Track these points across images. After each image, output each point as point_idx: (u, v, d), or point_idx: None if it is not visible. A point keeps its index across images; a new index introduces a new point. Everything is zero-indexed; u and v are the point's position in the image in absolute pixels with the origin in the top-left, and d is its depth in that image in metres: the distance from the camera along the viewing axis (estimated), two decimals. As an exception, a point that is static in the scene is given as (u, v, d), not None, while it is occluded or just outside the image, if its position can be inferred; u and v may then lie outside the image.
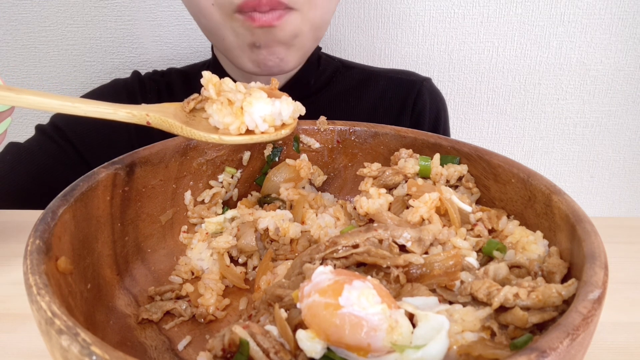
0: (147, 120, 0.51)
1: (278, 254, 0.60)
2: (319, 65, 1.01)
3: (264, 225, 0.61)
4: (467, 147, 0.62)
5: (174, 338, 0.51)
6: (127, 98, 0.99)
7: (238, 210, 0.65)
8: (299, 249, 0.61)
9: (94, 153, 0.96)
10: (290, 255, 0.60)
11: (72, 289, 0.45)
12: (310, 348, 0.37)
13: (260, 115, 0.54)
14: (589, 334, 0.35)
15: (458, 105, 1.43)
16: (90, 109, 0.50)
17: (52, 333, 0.34)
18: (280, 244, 0.61)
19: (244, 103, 0.52)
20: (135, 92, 1.01)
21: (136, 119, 0.51)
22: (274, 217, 0.61)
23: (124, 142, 0.98)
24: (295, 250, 0.60)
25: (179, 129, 0.53)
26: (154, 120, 0.52)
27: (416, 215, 0.54)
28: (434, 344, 0.36)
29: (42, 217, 0.45)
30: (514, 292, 0.40)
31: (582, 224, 0.45)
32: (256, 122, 0.53)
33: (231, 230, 0.62)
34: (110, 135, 0.97)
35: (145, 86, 1.02)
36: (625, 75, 1.40)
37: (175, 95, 1.02)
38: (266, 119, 0.54)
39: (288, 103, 0.56)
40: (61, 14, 1.31)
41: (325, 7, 0.82)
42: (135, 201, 0.58)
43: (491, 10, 1.32)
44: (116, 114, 0.51)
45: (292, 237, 0.60)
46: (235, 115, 0.53)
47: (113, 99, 1.06)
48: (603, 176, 1.53)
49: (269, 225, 0.61)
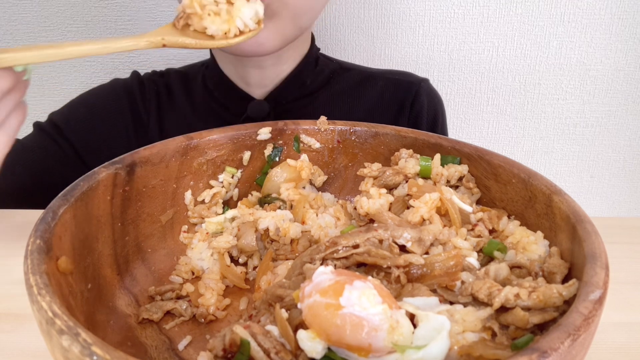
0: (163, 43, 0.58)
1: (278, 254, 0.60)
2: (316, 66, 1.00)
3: (264, 225, 0.61)
4: (468, 147, 0.62)
5: (174, 338, 0.51)
6: (127, 98, 0.99)
7: (238, 210, 0.65)
8: (299, 249, 0.61)
9: (92, 152, 0.96)
10: (290, 255, 0.60)
11: (73, 289, 0.45)
12: (311, 348, 0.37)
13: (249, 17, 0.61)
14: (590, 335, 0.35)
15: (458, 105, 1.43)
16: (116, 46, 0.56)
17: (52, 333, 0.34)
18: (280, 244, 0.61)
19: (233, 9, 0.60)
20: (135, 93, 1.01)
21: (153, 44, 0.58)
22: (274, 218, 0.61)
23: (121, 140, 0.98)
24: (296, 250, 0.61)
25: (193, 44, 0.60)
26: (170, 42, 0.59)
27: (416, 216, 0.54)
28: (435, 345, 0.36)
29: (43, 217, 0.45)
30: (515, 293, 0.40)
31: (583, 224, 0.45)
32: (246, 23, 0.61)
33: (231, 230, 0.62)
34: (108, 133, 0.97)
35: (144, 87, 1.02)
36: (625, 75, 1.40)
37: (174, 95, 1.02)
38: (252, 17, 0.62)
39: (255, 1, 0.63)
40: (61, 14, 1.31)
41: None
42: (135, 201, 0.58)
43: (491, 10, 1.32)
44: (138, 45, 0.57)
45: (293, 237, 0.61)
46: (228, 22, 0.60)
47: (112, 98, 1.05)
48: (603, 176, 1.53)
49: (269, 225, 0.61)
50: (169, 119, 1.00)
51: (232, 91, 0.95)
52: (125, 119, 0.98)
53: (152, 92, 1.01)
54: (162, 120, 1.00)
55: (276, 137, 0.69)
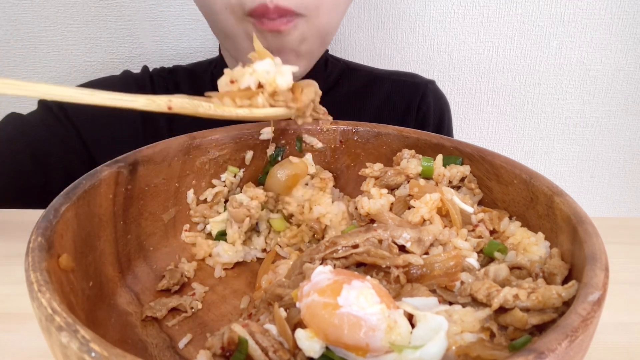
0: (169, 106, 0.51)
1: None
2: (326, 68, 1.01)
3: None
4: (470, 147, 0.62)
5: (175, 336, 0.52)
6: (136, 89, 0.98)
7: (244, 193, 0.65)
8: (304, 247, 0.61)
9: (95, 141, 0.94)
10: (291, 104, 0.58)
11: (74, 287, 0.45)
12: (309, 347, 0.37)
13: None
14: (588, 336, 0.35)
15: (458, 105, 1.43)
16: (108, 97, 0.48)
17: (52, 330, 0.34)
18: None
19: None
20: (146, 86, 1.01)
21: (155, 105, 0.50)
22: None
23: (128, 131, 0.96)
24: (300, 100, 0.59)
25: (207, 108, 0.53)
26: (177, 104, 0.51)
27: (417, 216, 0.54)
28: (433, 345, 0.36)
29: (45, 215, 0.45)
30: (514, 293, 0.40)
31: (584, 225, 0.45)
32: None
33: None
34: (114, 126, 0.95)
35: (154, 82, 1.02)
36: (625, 75, 1.40)
37: (182, 93, 1.02)
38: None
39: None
40: (61, 14, 1.31)
41: (332, 14, 0.82)
42: (137, 199, 0.59)
43: (491, 10, 1.32)
44: (135, 102, 0.50)
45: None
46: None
47: (121, 88, 1.05)
48: (603, 176, 1.53)
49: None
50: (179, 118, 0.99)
51: None
52: (134, 114, 0.97)
53: (162, 88, 1.01)
54: (173, 119, 0.99)
55: (278, 136, 0.69)
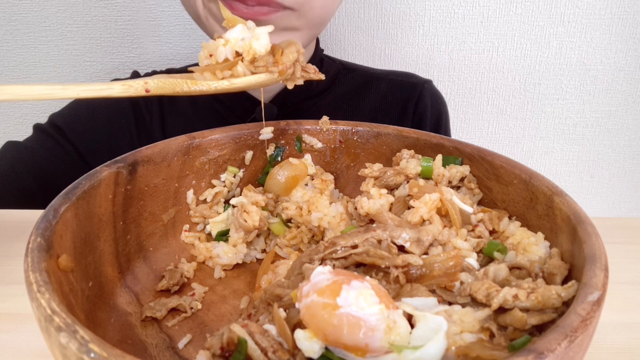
0: (146, 88, 0.49)
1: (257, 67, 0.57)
2: (321, 68, 1.00)
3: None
4: (470, 147, 0.62)
5: (174, 336, 0.52)
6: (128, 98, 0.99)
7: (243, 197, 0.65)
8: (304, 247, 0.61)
9: (94, 152, 0.96)
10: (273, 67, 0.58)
11: (74, 287, 0.45)
12: (308, 347, 0.37)
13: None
14: (588, 336, 0.35)
15: (458, 105, 1.43)
16: (82, 89, 0.47)
17: (51, 330, 0.34)
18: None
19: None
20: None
21: (133, 90, 0.49)
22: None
23: (124, 140, 0.97)
24: (281, 61, 0.58)
25: (183, 85, 0.51)
26: (154, 85, 0.49)
27: (416, 216, 0.54)
28: (432, 345, 0.36)
29: (44, 215, 0.45)
30: (513, 294, 0.40)
31: (583, 225, 0.45)
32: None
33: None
34: (110, 134, 0.97)
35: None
36: (625, 75, 1.40)
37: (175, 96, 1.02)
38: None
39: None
40: (61, 14, 1.31)
41: (326, 6, 0.82)
42: (137, 200, 0.59)
43: (491, 10, 1.32)
44: (111, 89, 0.48)
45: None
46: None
47: (113, 99, 1.05)
48: (603, 176, 1.53)
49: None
50: (171, 119, 1.00)
51: (238, 93, 0.96)
52: (127, 119, 0.98)
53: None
54: (165, 120, 0.99)
55: (278, 136, 0.69)
